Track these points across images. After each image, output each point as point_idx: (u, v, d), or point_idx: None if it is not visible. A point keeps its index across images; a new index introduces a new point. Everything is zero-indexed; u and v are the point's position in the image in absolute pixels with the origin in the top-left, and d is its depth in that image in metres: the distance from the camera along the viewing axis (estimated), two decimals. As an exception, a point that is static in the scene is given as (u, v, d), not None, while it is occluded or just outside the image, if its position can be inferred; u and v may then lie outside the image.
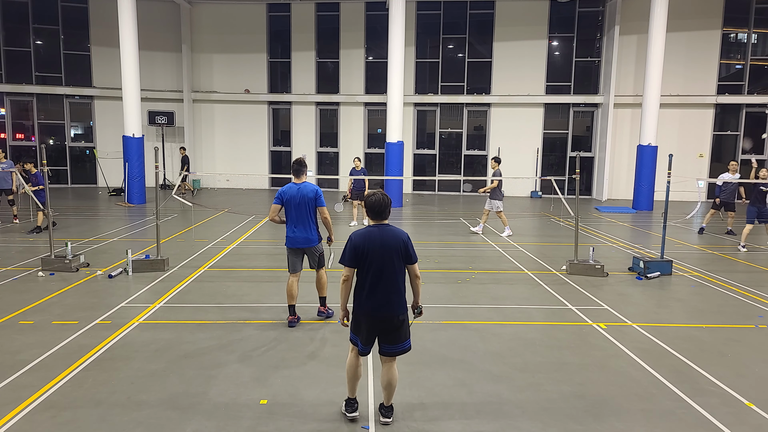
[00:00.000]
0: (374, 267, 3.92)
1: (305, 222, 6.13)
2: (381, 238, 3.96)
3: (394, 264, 3.95)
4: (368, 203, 4.02)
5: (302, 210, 6.08)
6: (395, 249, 3.95)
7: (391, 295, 3.96)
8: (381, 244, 3.94)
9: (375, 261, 3.92)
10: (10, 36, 22.60)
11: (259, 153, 23.63)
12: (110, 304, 6.88)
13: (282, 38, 23.27)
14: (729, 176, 12.49)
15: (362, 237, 3.97)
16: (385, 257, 3.93)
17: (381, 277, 3.93)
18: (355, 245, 3.97)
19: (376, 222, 4.06)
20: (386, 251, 3.93)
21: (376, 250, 3.93)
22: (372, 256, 3.93)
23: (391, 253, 3.94)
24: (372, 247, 3.93)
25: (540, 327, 6.35)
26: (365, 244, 3.94)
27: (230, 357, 5.28)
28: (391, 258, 3.94)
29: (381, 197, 4.01)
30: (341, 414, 4.21)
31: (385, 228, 4.02)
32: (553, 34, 22.15)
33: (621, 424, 4.16)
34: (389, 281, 3.94)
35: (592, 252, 9.02)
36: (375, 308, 3.95)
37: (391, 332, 4.00)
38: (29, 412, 4.19)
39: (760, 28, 21.08)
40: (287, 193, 6.12)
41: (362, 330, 4.02)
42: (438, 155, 23.18)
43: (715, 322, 6.60)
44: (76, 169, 23.52)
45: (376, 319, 3.97)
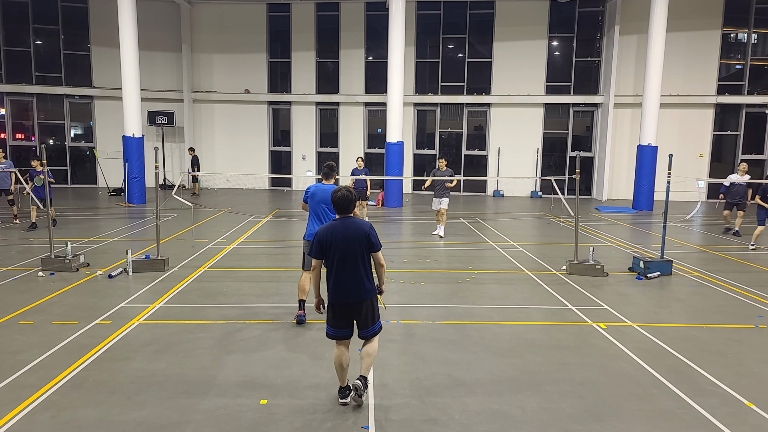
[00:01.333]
0: (338, 257, 4.24)
1: (328, 219, 6.31)
2: (343, 230, 4.28)
3: (356, 254, 4.25)
4: (334, 199, 4.35)
5: (327, 207, 6.32)
6: (357, 240, 4.26)
7: (357, 282, 4.26)
8: (343, 236, 4.25)
9: (338, 252, 4.24)
10: (10, 36, 22.60)
11: (259, 153, 23.63)
12: (110, 304, 6.88)
13: (282, 38, 23.27)
14: (737, 177, 12.50)
15: (327, 230, 4.30)
16: (348, 248, 4.24)
17: (344, 266, 4.24)
18: (320, 238, 4.29)
19: (341, 216, 4.37)
20: (349, 242, 4.24)
21: (339, 242, 4.24)
22: (336, 247, 4.24)
23: (353, 245, 4.24)
24: (336, 239, 4.25)
25: (540, 327, 6.35)
26: (329, 237, 4.26)
27: (230, 357, 5.28)
28: (354, 249, 4.24)
29: (347, 193, 4.34)
30: (338, 402, 4.39)
31: (347, 221, 4.34)
32: (553, 34, 22.15)
33: (621, 424, 4.16)
34: (353, 270, 4.24)
35: (592, 252, 9.02)
36: (343, 295, 4.26)
37: (361, 317, 4.33)
38: (29, 412, 4.18)
39: (760, 28, 21.08)
40: (315, 193, 6.35)
41: (337, 318, 4.32)
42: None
43: (715, 322, 6.60)
44: (76, 169, 23.53)
45: (346, 305, 4.29)
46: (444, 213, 12.17)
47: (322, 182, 6.54)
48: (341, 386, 4.41)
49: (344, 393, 4.39)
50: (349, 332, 4.38)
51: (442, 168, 12.18)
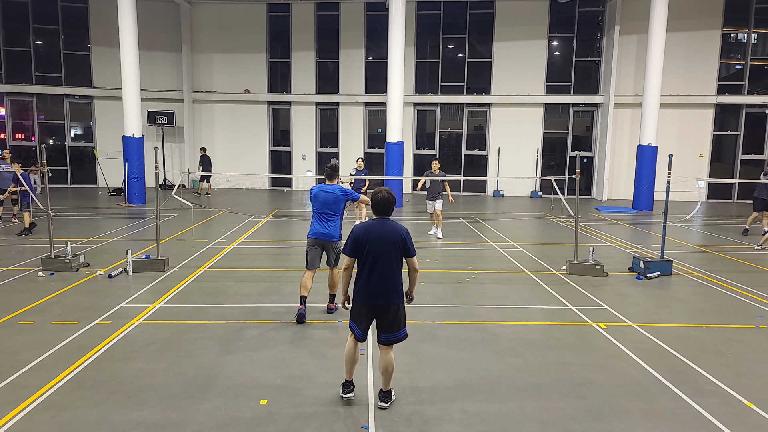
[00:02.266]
0: (371, 257, 4.23)
1: (328, 220, 6.50)
2: (380, 231, 4.28)
3: (390, 256, 4.24)
4: (374, 200, 4.35)
5: (328, 207, 6.48)
6: (393, 242, 4.26)
7: (387, 284, 4.24)
8: (380, 237, 4.25)
9: (372, 252, 4.23)
10: (10, 36, 22.59)
11: (259, 153, 23.63)
12: (110, 304, 6.88)
13: (282, 38, 23.27)
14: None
15: (363, 229, 4.30)
16: (383, 249, 4.23)
17: (375, 267, 4.23)
18: (356, 236, 4.30)
19: (379, 216, 4.36)
20: (384, 243, 4.24)
21: (375, 242, 4.24)
22: (370, 247, 4.24)
23: (388, 246, 4.24)
24: (371, 239, 4.25)
25: (540, 327, 6.35)
26: (365, 236, 4.27)
27: (230, 357, 5.28)
28: (388, 250, 4.24)
29: (387, 196, 4.33)
30: (340, 398, 4.40)
31: (385, 222, 4.34)
32: (553, 34, 22.15)
33: (621, 424, 4.16)
34: (385, 271, 4.23)
35: (592, 252, 9.02)
36: (371, 296, 4.25)
37: (386, 320, 4.29)
38: (29, 412, 4.18)
39: (760, 28, 21.08)
40: (317, 195, 6.54)
41: (360, 316, 4.34)
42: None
43: (715, 322, 6.60)
44: (76, 169, 23.52)
45: (372, 306, 4.28)
46: (439, 214, 12.21)
47: (325, 183, 6.61)
48: (346, 380, 4.45)
49: (349, 388, 4.42)
50: (365, 337, 4.42)
51: (435, 170, 12.24)
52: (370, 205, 4.43)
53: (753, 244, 11.55)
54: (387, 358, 4.31)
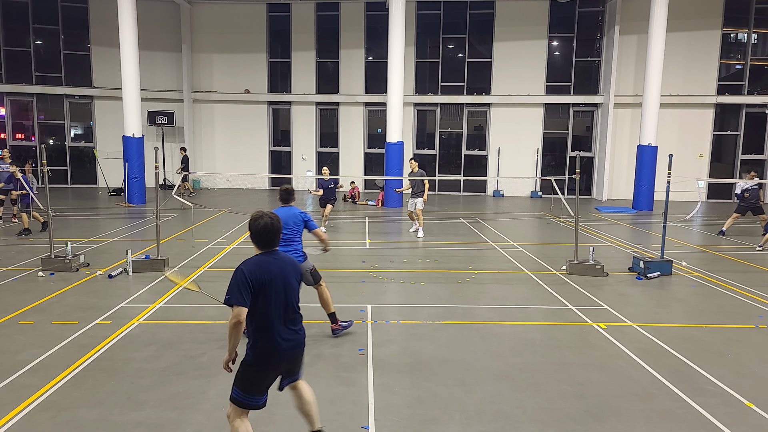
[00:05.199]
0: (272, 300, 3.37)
1: (291, 242, 6.01)
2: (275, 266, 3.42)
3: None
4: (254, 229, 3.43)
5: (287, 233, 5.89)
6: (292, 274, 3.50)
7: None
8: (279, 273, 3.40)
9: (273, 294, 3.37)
10: (10, 36, 22.58)
11: (259, 153, 23.63)
12: (110, 304, 6.88)
13: (282, 38, 23.27)
14: (746, 183, 12.50)
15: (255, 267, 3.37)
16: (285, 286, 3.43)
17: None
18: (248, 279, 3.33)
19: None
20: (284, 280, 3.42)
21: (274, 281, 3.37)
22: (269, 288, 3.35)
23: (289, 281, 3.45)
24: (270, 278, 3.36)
25: (540, 327, 6.35)
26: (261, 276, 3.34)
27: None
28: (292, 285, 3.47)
29: (270, 221, 3.40)
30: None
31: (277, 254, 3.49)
32: (553, 34, 22.14)
33: (621, 424, 4.16)
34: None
35: (592, 252, 9.02)
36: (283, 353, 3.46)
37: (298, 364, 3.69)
38: (29, 412, 4.18)
39: (760, 28, 21.08)
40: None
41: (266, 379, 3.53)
42: (438, 155, 23.18)
43: (715, 322, 6.60)
44: (76, 169, 23.51)
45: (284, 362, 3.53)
46: (419, 213, 12.28)
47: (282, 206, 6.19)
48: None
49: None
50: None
51: (415, 169, 12.35)
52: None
53: (753, 245, 11.55)
54: (305, 392, 3.72)
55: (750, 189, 12.48)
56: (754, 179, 12.46)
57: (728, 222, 12.89)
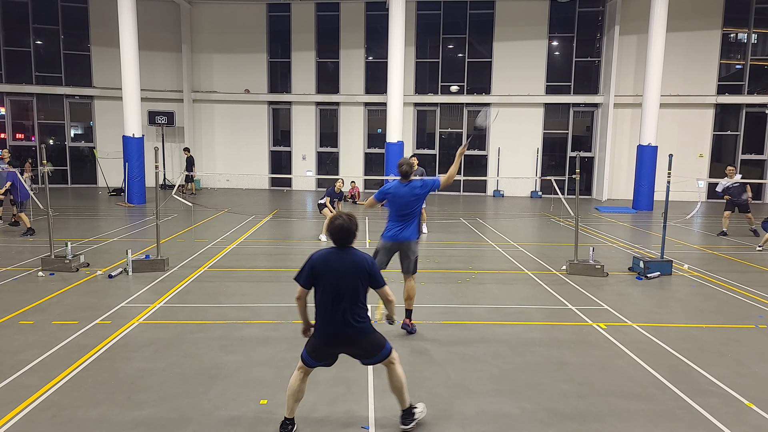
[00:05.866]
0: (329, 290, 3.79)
1: (408, 219, 6.05)
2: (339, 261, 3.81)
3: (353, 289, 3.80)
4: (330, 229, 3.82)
5: (407, 208, 6.04)
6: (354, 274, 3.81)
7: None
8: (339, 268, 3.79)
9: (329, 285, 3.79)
10: (10, 36, 22.59)
11: (259, 153, 23.63)
12: (110, 304, 6.88)
13: (282, 38, 23.27)
14: (729, 180, 12.44)
15: (321, 258, 3.83)
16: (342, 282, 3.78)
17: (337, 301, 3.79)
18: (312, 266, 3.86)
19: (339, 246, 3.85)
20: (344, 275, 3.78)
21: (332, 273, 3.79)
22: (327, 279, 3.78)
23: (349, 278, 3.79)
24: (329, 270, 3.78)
25: (540, 327, 6.35)
26: (322, 267, 3.80)
27: (230, 357, 5.28)
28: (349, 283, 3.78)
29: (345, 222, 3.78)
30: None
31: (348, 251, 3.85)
32: (553, 34, 22.14)
33: (621, 424, 4.16)
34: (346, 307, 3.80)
35: (592, 252, 9.02)
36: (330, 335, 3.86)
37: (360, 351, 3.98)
38: (29, 412, 4.18)
39: (760, 28, 21.08)
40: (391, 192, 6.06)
41: (320, 353, 3.99)
42: (438, 155, 23.18)
43: (715, 322, 6.60)
44: (76, 169, 23.52)
45: (334, 344, 3.91)
46: (423, 211, 12.24)
47: (400, 181, 6.12)
48: (286, 417, 3.94)
49: (287, 427, 3.90)
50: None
51: (414, 167, 12.13)
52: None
53: (753, 245, 11.55)
54: (392, 377, 3.98)
55: (731, 187, 12.39)
56: (734, 177, 12.38)
57: (724, 222, 12.90)
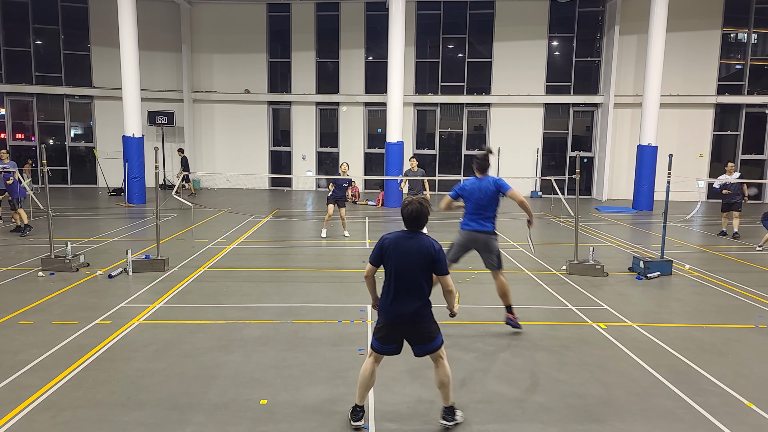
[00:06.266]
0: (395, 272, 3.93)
1: (486, 213, 6.07)
2: (407, 245, 3.96)
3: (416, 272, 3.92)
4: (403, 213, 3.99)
5: (484, 202, 6.08)
6: (420, 258, 3.93)
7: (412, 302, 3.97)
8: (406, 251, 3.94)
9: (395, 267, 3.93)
10: (10, 36, 22.59)
11: (259, 153, 23.64)
12: (110, 304, 6.88)
13: (282, 38, 23.27)
14: (727, 177, 12.41)
15: (391, 241, 3.99)
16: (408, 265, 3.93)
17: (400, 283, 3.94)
18: (381, 246, 4.05)
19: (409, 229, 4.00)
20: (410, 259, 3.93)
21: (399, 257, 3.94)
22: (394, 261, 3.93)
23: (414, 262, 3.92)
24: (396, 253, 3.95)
25: (540, 327, 6.35)
26: (391, 248, 3.96)
27: (230, 357, 5.28)
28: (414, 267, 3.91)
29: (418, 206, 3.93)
30: (347, 419, 4.11)
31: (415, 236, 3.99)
32: (553, 34, 22.15)
33: (621, 424, 4.16)
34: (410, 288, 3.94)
35: (592, 252, 9.02)
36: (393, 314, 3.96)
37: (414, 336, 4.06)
38: (29, 412, 4.18)
39: (760, 28, 21.09)
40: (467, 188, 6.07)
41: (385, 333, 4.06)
42: (438, 155, 23.18)
43: (715, 322, 6.60)
44: (76, 169, 23.53)
45: (396, 324, 3.99)
46: None
47: (476, 176, 6.14)
48: (357, 405, 4.08)
49: (358, 415, 4.04)
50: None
51: (414, 168, 12.36)
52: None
53: (753, 245, 11.55)
54: (438, 372, 4.03)
55: (730, 185, 12.36)
56: (733, 174, 12.34)
57: (723, 222, 12.88)
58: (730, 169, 12.44)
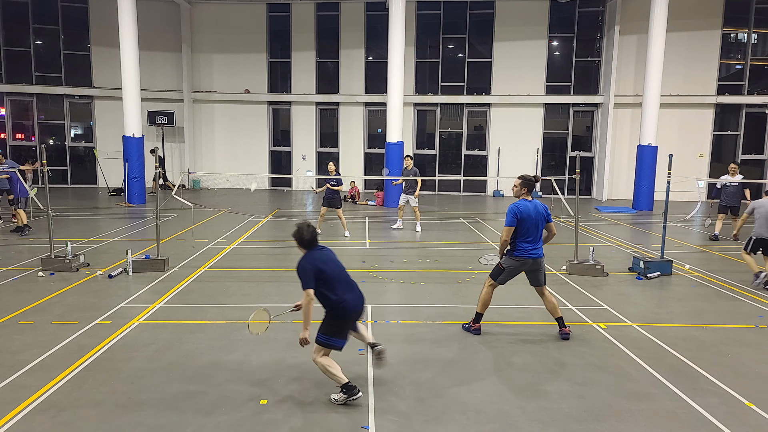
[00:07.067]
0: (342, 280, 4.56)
1: (539, 236, 5.92)
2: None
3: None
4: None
5: (540, 226, 5.88)
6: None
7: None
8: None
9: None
10: (10, 36, 22.58)
11: (259, 153, 23.63)
12: (110, 304, 6.88)
13: (282, 38, 23.27)
14: (729, 178, 12.37)
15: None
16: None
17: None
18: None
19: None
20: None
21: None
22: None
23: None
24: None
25: (540, 327, 6.35)
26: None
27: (230, 357, 5.28)
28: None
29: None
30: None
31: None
32: (553, 34, 22.14)
33: (621, 424, 4.16)
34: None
35: (592, 252, 9.02)
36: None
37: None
38: (29, 412, 4.18)
39: (760, 28, 21.07)
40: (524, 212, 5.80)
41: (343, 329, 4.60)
42: (438, 155, 23.18)
43: (715, 322, 6.60)
44: (76, 169, 23.51)
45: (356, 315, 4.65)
46: (416, 210, 12.93)
47: (525, 198, 5.88)
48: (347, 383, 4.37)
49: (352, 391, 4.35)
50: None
51: (409, 167, 12.74)
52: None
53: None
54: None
55: (729, 185, 12.28)
56: (736, 176, 12.27)
57: (717, 225, 12.78)
58: (733, 171, 12.38)
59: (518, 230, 5.80)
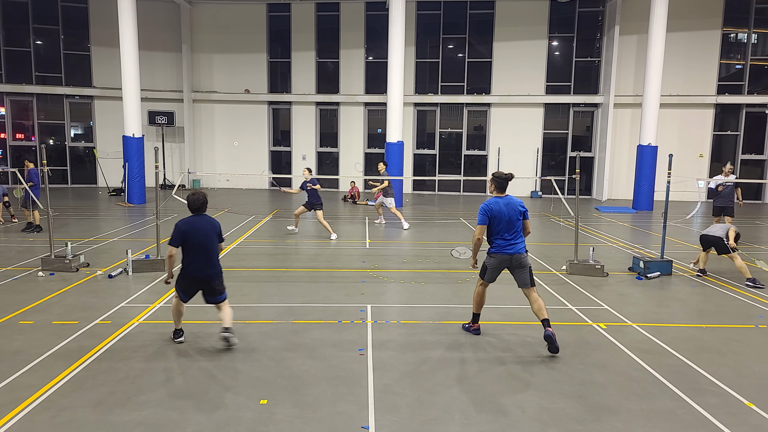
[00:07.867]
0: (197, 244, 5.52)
1: (516, 232, 5.93)
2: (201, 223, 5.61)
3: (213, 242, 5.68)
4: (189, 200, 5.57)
5: (515, 222, 5.92)
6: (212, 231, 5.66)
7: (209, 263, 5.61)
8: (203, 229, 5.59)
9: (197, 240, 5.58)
10: (10, 36, 22.60)
11: (259, 153, 23.64)
12: (110, 304, 6.88)
13: (282, 38, 23.28)
14: (723, 178, 12.33)
15: (186, 223, 5.50)
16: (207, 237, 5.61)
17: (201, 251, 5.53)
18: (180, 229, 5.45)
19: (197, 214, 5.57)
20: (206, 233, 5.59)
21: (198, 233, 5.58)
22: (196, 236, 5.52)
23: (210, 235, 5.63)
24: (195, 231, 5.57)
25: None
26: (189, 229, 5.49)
27: (230, 357, 5.28)
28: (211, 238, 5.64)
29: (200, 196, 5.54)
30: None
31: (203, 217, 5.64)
32: (553, 34, 22.15)
33: (621, 424, 4.16)
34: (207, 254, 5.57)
35: (592, 252, 9.02)
36: (197, 272, 5.54)
37: (209, 289, 5.68)
38: (29, 412, 4.18)
39: (760, 28, 21.09)
40: (494, 209, 5.80)
41: (188, 288, 5.61)
42: (438, 155, 23.18)
43: (715, 322, 6.60)
44: (76, 169, 23.53)
45: (197, 280, 5.57)
46: (393, 210, 13.51)
47: (496, 195, 5.92)
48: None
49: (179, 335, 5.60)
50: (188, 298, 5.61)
51: (381, 171, 13.44)
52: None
53: (753, 244, 11.54)
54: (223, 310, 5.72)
55: (725, 185, 12.19)
56: (729, 176, 12.18)
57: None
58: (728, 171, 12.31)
59: (491, 228, 5.87)
